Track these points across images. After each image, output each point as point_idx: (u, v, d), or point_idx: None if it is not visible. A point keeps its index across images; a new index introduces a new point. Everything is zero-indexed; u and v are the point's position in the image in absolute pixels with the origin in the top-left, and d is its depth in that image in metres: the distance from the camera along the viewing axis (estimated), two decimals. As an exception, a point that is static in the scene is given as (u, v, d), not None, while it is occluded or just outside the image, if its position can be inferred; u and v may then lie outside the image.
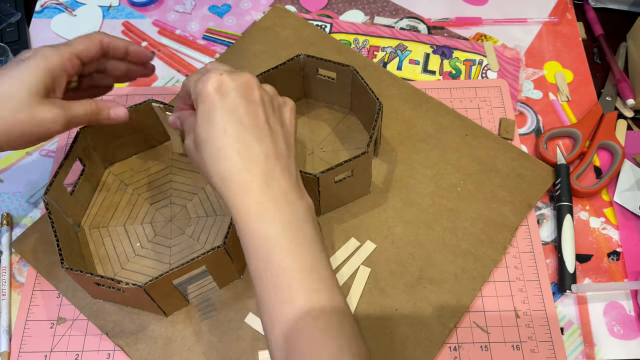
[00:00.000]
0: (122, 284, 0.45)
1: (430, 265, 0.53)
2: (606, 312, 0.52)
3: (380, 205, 0.56)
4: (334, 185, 0.52)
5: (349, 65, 0.56)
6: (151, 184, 0.57)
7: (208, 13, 0.73)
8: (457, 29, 0.71)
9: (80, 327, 0.51)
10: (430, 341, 0.49)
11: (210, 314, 0.51)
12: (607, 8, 0.73)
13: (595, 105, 0.62)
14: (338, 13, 0.72)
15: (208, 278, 0.52)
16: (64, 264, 0.46)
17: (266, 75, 0.56)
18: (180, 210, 0.56)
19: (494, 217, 0.55)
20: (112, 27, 0.71)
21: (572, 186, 0.56)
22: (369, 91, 0.54)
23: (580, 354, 0.50)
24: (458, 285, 0.52)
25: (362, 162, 0.51)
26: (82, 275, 0.46)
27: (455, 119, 0.61)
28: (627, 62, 0.67)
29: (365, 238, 0.54)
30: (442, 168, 0.58)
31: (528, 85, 0.66)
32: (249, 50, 0.67)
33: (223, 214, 0.56)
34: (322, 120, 0.62)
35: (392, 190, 0.57)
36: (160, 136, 0.59)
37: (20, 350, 0.50)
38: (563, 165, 0.57)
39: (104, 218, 0.55)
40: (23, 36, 0.69)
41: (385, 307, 0.51)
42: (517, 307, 0.51)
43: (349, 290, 0.52)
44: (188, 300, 0.51)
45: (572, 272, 0.52)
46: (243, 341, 0.49)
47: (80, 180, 0.54)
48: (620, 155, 0.58)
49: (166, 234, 0.55)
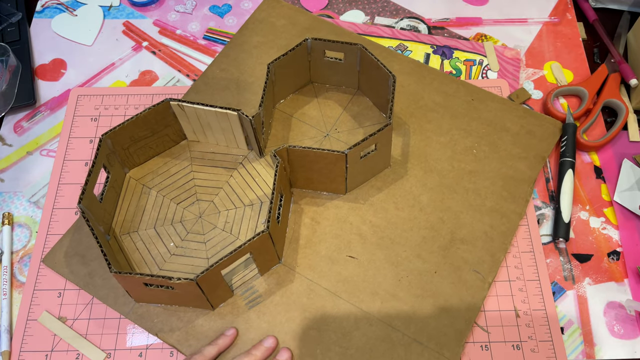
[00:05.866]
0: (174, 280, 0.45)
1: (460, 227, 0.55)
2: (606, 312, 0.52)
3: (403, 176, 0.57)
4: (359, 161, 0.53)
5: (357, 44, 0.56)
6: (174, 185, 0.58)
7: (209, 13, 0.73)
8: (457, 29, 0.71)
9: (80, 327, 0.51)
10: (472, 297, 0.51)
11: (257, 300, 0.52)
12: (607, 8, 0.73)
13: (601, 67, 0.65)
14: (338, 13, 0.72)
15: (251, 265, 0.53)
16: (111, 268, 0.46)
17: (276, 64, 0.56)
18: (208, 205, 0.56)
19: (512, 174, 0.57)
20: (113, 27, 0.71)
21: (578, 140, 0.60)
22: (381, 66, 0.55)
23: (580, 353, 0.50)
24: (490, 242, 0.54)
25: (385, 134, 0.52)
26: (132, 278, 0.46)
27: (460, 85, 0.63)
28: (625, 58, 0.67)
29: (394, 209, 0.56)
30: (455, 134, 0.60)
31: (528, 85, 0.66)
32: (248, 42, 0.67)
33: (251, 204, 0.56)
34: (332, 102, 0.62)
35: (411, 161, 0.58)
36: (176, 136, 0.59)
37: (21, 349, 0.50)
38: (570, 124, 0.60)
39: (132, 223, 0.56)
40: (24, 36, 0.69)
41: (424, 272, 0.52)
42: (518, 307, 0.51)
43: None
44: (232, 291, 0.52)
45: (567, 222, 0.55)
46: (293, 322, 0.51)
47: (106, 187, 0.54)
48: (624, 112, 0.61)
49: (198, 230, 0.55)
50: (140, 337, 0.51)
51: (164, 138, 0.58)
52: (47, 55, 0.69)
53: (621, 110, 0.62)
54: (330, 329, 0.50)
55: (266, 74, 0.56)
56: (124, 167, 0.58)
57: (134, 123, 0.54)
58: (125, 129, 0.53)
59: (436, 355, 0.49)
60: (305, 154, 0.52)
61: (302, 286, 0.52)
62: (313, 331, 0.50)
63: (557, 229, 0.55)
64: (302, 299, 0.52)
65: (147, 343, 0.51)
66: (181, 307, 0.51)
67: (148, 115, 0.54)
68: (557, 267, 0.54)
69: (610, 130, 0.62)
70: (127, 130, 0.54)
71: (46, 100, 0.65)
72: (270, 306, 0.51)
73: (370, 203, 0.56)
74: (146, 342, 0.51)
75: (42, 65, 0.68)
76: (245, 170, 0.58)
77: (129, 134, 0.55)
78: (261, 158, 0.59)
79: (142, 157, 0.58)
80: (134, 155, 0.57)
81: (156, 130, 0.57)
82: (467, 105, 0.62)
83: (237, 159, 0.59)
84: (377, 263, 0.53)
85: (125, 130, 0.54)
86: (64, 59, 0.68)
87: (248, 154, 0.59)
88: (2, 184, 0.59)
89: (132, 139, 0.55)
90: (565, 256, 0.55)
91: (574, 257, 0.55)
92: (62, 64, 0.68)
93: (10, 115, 0.64)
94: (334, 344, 0.50)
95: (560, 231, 0.55)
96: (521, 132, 0.60)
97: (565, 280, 0.53)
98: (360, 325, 0.50)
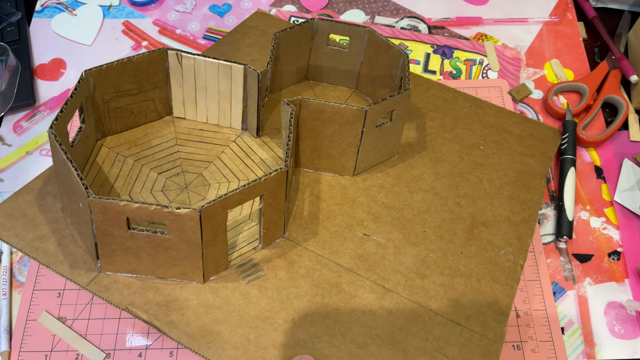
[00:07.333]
0: (172, 209, 0.37)
1: (480, 211, 0.53)
2: (607, 312, 0.52)
3: (412, 164, 0.56)
4: (374, 131, 0.51)
5: (365, 26, 0.56)
6: (155, 155, 0.52)
7: (208, 13, 0.73)
8: (457, 29, 0.71)
9: (80, 327, 0.51)
10: (506, 278, 0.49)
11: (257, 274, 0.46)
12: (608, 8, 0.73)
13: (602, 63, 0.65)
14: (338, 13, 0.72)
15: (251, 230, 0.47)
16: (89, 192, 0.38)
17: (280, 35, 0.54)
18: (196, 177, 0.51)
19: (522, 168, 0.57)
20: (113, 26, 0.71)
21: (578, 136, 0.60)
22: (392, 45, 0.54)
23: (580, 353, 0.50)
24: (514, 226, 0.52)
25: (403, 100, 0.50)
26: (114, 206, 0.37)
27: (457, 94, 0.63)
28: (626, 55, 0.67)
29: (406, 192, 0.54)
30: (460, 132, 0.59)
31: (529, 85, 0.66)
32: (239, 42, 0.66)
33: (247, 179, 0.51)
34: (330, 98, 0.61)
35: (418, 150, 0.57)
36: (162, 106, 0.54)
37: (21, 349, 0.50)
38: (570, 122, 0.60)
39: (102, 189, 0.48)
40: (23, 35, 0.69)
41: (449, 252, 0.50)
42: (518, 307, 0.51)
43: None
44: (228, 262, 0.46)
45: (570, 220, 0.55)
46: (303, 298, 0.46)
47: (77, 137, 0.47)
48: (624, 108, 0.62)
49: (184, 201, 0.49)
50: (140, 338, 0.51)
51: (148, 103, 0.53)
52: (47, 55, 0.69)
53: (621, 107, 0.62)
54: (349, 306, 0.46)
55: (272, 42, 0.54)
56: (97, 131, 0.51)
57: (123, 66, 0.48)
58: (112, 69, 0.48)
59: (477, 336, 0.45)
60: (321, 109, 0.48)
61: (311, 261, 0.48)
62: (328, 309, 0.45)
63: (560, 227, 0.55)
64: (313, 274, 0.47)
65: (147, 343, 0.50)
66: (161, 279, 0.44)
67: (140, 61, 0.49)
68: (558, 267, 0.54)
69: (610, 126, 0.62)
70: (113, 73, 0.48)
71: (46, 100, 0.65)
72: (274, 281, 0.46)
73: (380, 185, 0.54)
74: (146, 342, 0.51)
75: (42, 65, 0.68)
76: (238, 147, 0.54)
77: (114, 81, 0.49)
78: (257, 138, 0.55)
79: (120, 123, 0.52)
80: (112, 116, 0.51)
81: (143, 87, 0.51)
82: (466, 109, 0.61)
83: (229, 137, 0.54)
84: (395, 242, 0.50)
85: (112, 72, 0.48)
86: (63, 59, 0.68)
87: (242, 134, 0.55)
88: (2, 183, 0.59)
89: (116, 89, 0.50)
90: (566, 256, 0.55)
91: (575, 257, 0.55)
92: (61, 63, 0.68)
93: (9, 115, 0.64)
94: (356, 323, 0.45)
95: (564, 229, 0.54)
96: (523, 134, 0.59)
97: (565, 280, 0.53)
98: (385, 303, 0.46)
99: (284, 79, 0.60)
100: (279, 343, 0.44)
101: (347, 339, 0.45)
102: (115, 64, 0.48)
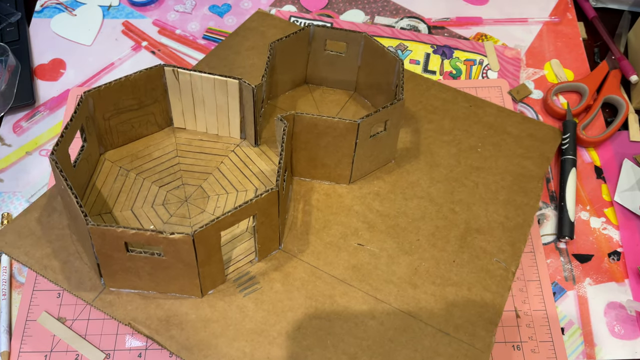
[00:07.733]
0: (166, 234, 0.39)
1: (475, 217, 0.53)
2: (607, 312, 0.52)
3: (408, 170, 0.56)
4: (368, 140, 0.51)
5: (361, 32, 0.56)
6: (156, 168, 0.53)
7: (208, 13, 0.73)
8: (457, 29, 0.71)
9: (80, 327, 0.51)
10: (498, 286, 0.49)
11: (253, 287, 0.47)
12: (608, 8, 0.73)
13: (602, 63, 0.65)
14: (338, 13, 0.72)
15: (247, 244, 0.48)
16: (88, 220, 0.39)
17: (277, 45, 0.55)
18: (196, 189, 0.52)
19: (520, 171, 0.56)
20: (113, 26, 0.71)
21: (578, 136, 0.60)
22: (387, 51, 0.54)
23: (580, 353, 0.50)
24: (507, 232, 0.52)
25: (396, 110, 0.50)
26: (112, 233, 0.39)
27: (456, 93, 0.62)
28: (626, 55, 0.67)
29: (402, 199, 0.54)
30: (458, 134, 0.59)
31: (529, 85, 0.66)
32: (238, 45, 0.66)
33: (245, 190, 0.52)
34: (328, 102, 0.61)
35: (415, 155, 0.57)
36: (162, 118, 0.55)
37: (21, 350, 0.50)
38: (571, 122, 0.60)
39: (105, 204, 0.50)
40: (23, 36, 0.69)
41: (441, 260, 0.50)
42: (518, 307, 0.51)
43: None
44: (225, 276, 0.47)
45: (572, 221, 0.55)
46: (298, 311, 0.47)
47: (79, 157, 0.48)
48: (624, 108, 0.62)
49: (184, 214, 0.50)
50: (140, 338, 0.51)
51: (148, 117, 0.54)
52: (47, 55, 0.69)
53: (621, 107, 0.62)
54: (342, 318, 0.47)
55: (268, 53, 0.54)
56: (100, 145, 0.52)
57: (121, 85, 0.49)
58: (110, 89, 0.49)
59: (466, 346, 0.46)
60: (314, 123, 0.48)
61: (306, 273, 0.49)
62: (322, 321, 0.46)
63: (562, 228, 0.55)
64: (307, 286, 0.48)
65: (147, 344, 0.50)
66: (162, 293, 0.46)
67: (138, 79, 0.50)
68: (558, 268, 0.54)
69: (610, 126, 0.62)
70: (112, 93, 0.49)
71: (45, 100, 0.65)
72: (270, 293, 0.47)
73: (375, 193, 0.54)
74: (145, 342, 0.50)
75: (42, 65, 0.68)
76: (237, 157, 0.55)
77: (114, 99, 0.50)
78: (255, 147, 0.56)
79: (121, 136, 0.53)
80: (114, 131, 0.52)
81: (143, 103, 0.52)
82: (466, 110, 0.61)
83: (228, 147, 0.55)
84: (389, 251, 0.50)
85: (111, 92, 0.49)
86: (63, 59, 0.68)
87: (240, 143, 0.56)
88: (1, 184, 0.59)
89: (116, 107, 0.50)
90: (566, 256, 0.55)
91: (575, 257, 0.55)
92: (61, 63, 0.68)
93: (9, 115, 0.64)
94: (347, 334, 0.46)
95: (565, 230, 0.54)
96: (522, 135, 0.59)
97: (565, 280, 0.53)
98: (376, 314, 0.47)
99: (282, 85, 0.61)
100: (274, 356, 0.45)
101: (339, 351, 0.45)
102: (113, 84, 0.49)
